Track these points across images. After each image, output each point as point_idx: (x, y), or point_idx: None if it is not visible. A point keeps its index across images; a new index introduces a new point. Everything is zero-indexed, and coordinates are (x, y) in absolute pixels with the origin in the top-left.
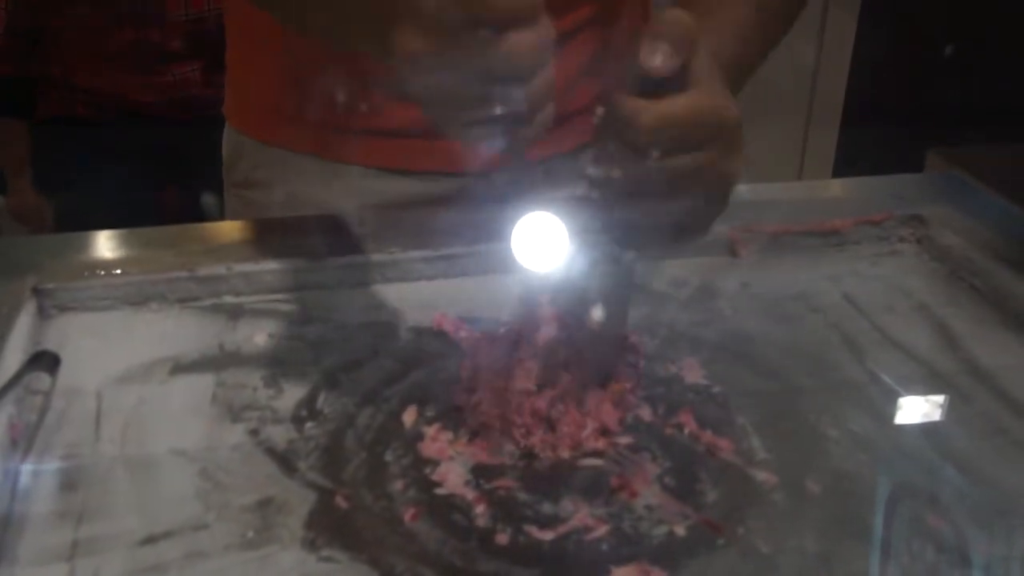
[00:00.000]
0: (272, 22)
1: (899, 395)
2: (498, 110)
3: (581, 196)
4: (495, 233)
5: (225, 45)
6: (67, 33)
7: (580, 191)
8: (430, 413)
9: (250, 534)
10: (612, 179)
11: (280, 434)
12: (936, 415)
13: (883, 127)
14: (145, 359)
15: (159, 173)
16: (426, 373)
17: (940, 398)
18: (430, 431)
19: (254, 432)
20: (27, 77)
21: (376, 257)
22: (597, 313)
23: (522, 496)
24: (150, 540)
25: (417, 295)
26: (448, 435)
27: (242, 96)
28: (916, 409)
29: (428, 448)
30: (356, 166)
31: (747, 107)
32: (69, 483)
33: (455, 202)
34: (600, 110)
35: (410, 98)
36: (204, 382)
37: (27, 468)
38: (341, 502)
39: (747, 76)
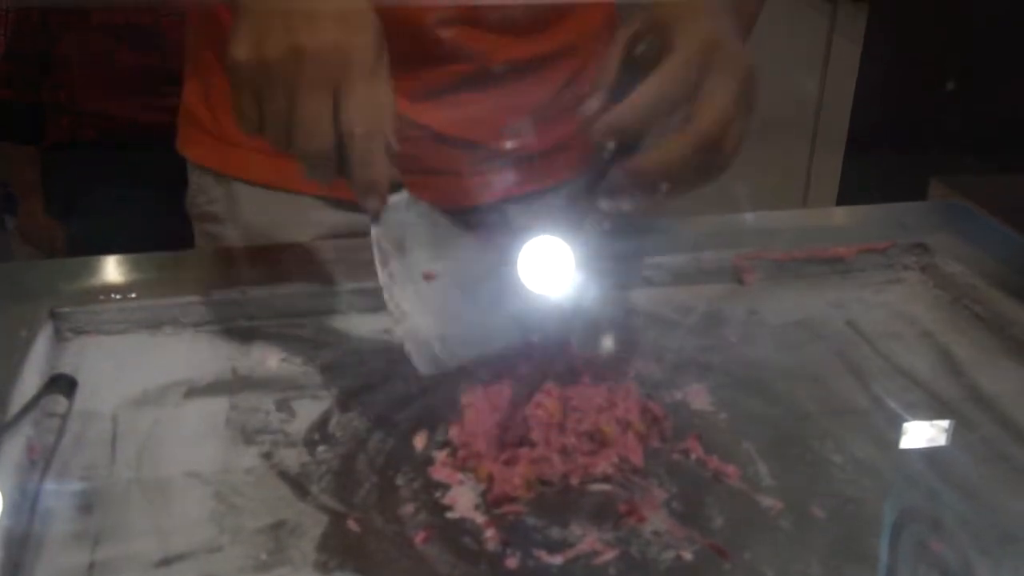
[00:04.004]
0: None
1: (903, 421)
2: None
3: (591, 228)
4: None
5: None
6: (69, 58)
7: (589, 224)
8: (441, 437)
9: (263, 556)
10: (623, 211)
11: (293, 457)
12: (939, 441)
13: (887, 155)
14: (160, 382)
15: (170, 196)
16: (437, 397)
17: (943, 424)
18: (440, 455)
19: (267, 455)
20: (34, 102)
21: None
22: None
23: (531, 520)
24: (165, 562)
25: None
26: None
27: (195, 126)
28: (920, 435)
29: (439, 472)
30: (307, 196)
31: (752, 134)
32: (86, 505)
33: None
34: (611, 145)
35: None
36: (218, 405)
37: (45, 490)
38: (353, 525)
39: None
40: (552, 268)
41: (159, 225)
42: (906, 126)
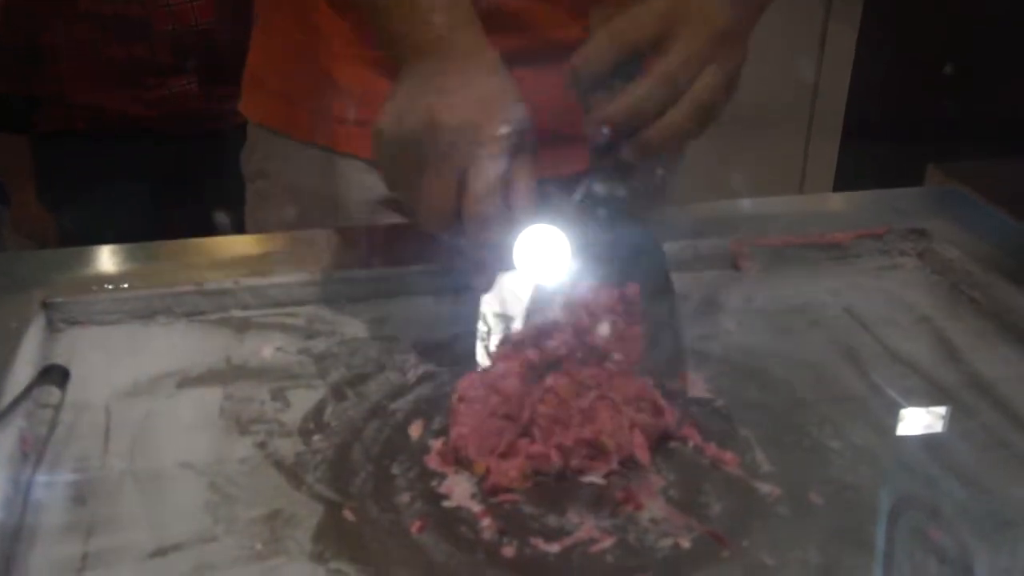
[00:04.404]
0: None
1: (901, 407)
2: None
3: (585, 216)
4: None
5: (216, 57)
6: (57, 49)
7: (583, 210)
8: (436, 426)
9: (258, 547)
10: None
11: (287, 447)
12: (937, 427)
13: (883, 141)
14: (153, 373)
15: (162, 186)
16: (432, 387)
17: (941, 410)
18: (436, 444)
19: (262, 445)
20: (25, 92)
21: (381, 271)
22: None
23: (528, 509)
24: (159, 553)
25: (423, 309)
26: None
27: (258, 85)
28: (918, 421)
29: (434, 461)
30: (354, 159)
31: (749, 121)
32: (79, 496)
33: None
34: (605, 130)
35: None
36: (212, 395)
37: (37, 481)
38: (348, 515)
39: None
40: (549, 256)
41: (152, 215)
42: (903, 112)
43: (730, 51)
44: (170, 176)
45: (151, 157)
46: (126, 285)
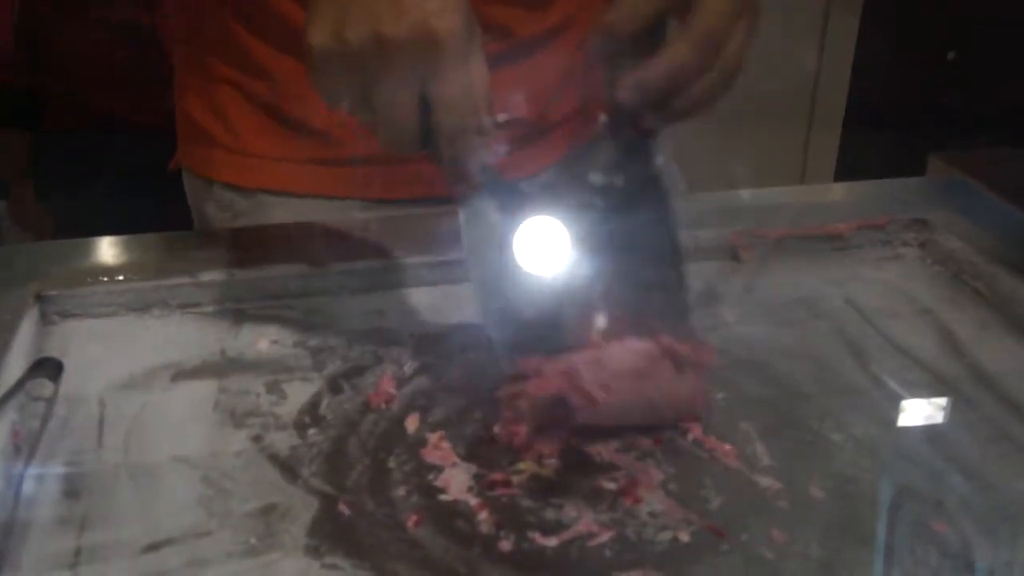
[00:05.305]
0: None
1: (902, 400)
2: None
3: (584, 203)
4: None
5: None
6: (67, 49)
7: (583, 198)
8: (433, 419)
9: (253, 541)
10: (615, 185)
11: (283, 440)
12: (940, 420)
13: (885, 131)
14: (148, 365)
15: (159, 186)
16: (429, 379)
17: (944, 403)
18: (433, 437)
19: (257, 438)
20: (32, 88)
21: (378, 263)
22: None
23: (525, 502)
24: (153, 547)
25: (420, 301)
26: (448, 444)
27: (203, 141)
28: (920, 414)
29: (431, 454)
30: (339, 199)
31: (750, 112)
32: (72, 490)
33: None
34: (603, 117)
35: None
36: (207, 388)
37: (30, 475)
38: (344, 509)
39: None
40: (547, 247)
41: (149, 215)
42: (904, 101)
43: (752, 10)
44: (165, 176)
45: (150, 158)
46: (121, 277)
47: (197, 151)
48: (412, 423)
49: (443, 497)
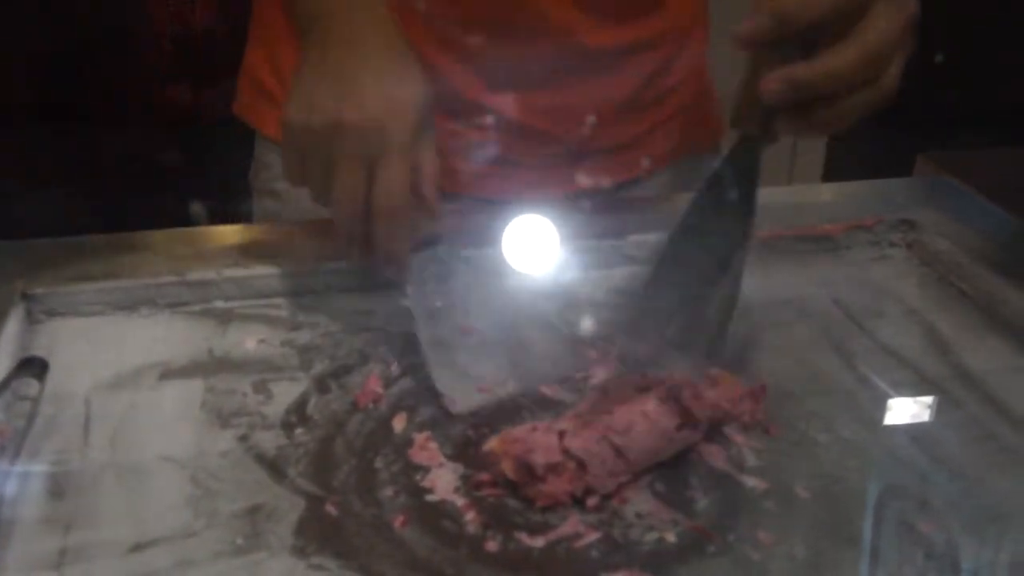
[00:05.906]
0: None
1: (889, 400)
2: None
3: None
4: (487, 238)
5: (213, 55)
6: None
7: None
8: (420, 419)
9: (239, 541)
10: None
11: (270, 440)
12: (925, 420)
13: (872, 131)
14: (134, 365)
15: (152, 182)
16: (416, 380)
17: (929, 403)
18: (420, 438)
19: (244, 438)
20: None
21: (367, 263)
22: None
23: (512, 503)
24: (139, 548)
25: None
26: (435, 444)
27: (263, 96)
28: (906, 414)
29: (418, 455)
30: None
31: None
32: (57, 490)
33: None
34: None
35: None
36: (194, 388)
37: (15, 474)
38: (331, 509)
39: None
40: (536, 247)
41: (139, 211)
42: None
43: (911, 40)
44: (158, 171)
45: (141, 152)
46: (107, 276)
47: (252, 102)
48: (399, 423)
49: (430, 497)
